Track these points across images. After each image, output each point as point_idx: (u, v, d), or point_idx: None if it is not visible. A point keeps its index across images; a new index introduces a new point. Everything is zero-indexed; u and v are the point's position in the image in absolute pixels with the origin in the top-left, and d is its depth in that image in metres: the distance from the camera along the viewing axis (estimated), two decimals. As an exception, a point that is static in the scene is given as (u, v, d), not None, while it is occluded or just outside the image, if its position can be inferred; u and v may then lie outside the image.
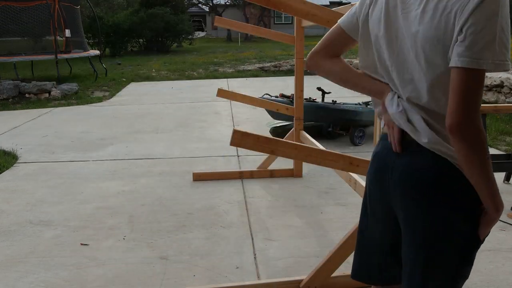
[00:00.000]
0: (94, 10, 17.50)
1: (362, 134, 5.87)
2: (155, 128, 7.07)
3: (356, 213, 3.70)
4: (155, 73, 14.60)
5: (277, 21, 40.93)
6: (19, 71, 12.31)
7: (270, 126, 6.34)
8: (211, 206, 3.92)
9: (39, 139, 6.40)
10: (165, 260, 3.02)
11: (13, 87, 9.98)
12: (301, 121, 4.47)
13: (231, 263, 2.96)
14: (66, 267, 2.94)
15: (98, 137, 6.49)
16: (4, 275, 2.86)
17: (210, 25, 45.17)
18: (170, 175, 4.76)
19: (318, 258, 2.96)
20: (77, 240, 3.33)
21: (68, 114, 8.39)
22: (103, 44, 21.04)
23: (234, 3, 37.07)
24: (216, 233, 3.41)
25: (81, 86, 11.68)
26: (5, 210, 3.91)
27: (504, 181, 4.39)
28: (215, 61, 17.21)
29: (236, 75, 13.88)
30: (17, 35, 12.58)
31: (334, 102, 5.93)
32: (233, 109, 8.56)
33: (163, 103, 9.37)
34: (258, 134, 2.23)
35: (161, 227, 3.52)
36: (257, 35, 4.66)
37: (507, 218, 3.57)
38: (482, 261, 2.91)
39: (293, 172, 4.67)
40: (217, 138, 6.35)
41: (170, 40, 24.32)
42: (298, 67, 4.35)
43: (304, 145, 2.37)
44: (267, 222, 3.60)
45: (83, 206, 3.97)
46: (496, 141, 5.81)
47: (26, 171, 4.99)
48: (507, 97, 7.54)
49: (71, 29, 12.94)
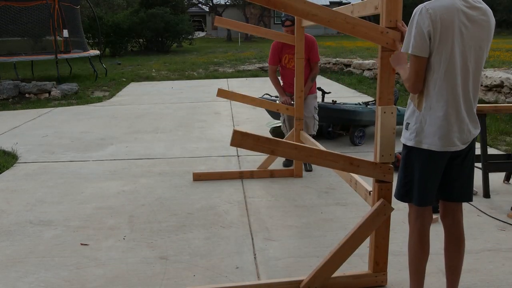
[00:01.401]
0: (94, 10, 17.49)
1: (362, 134, 5.87)
2: (155, 128, 7.07)
3: (356, 213, 3.71)
4: (155, 73, 14.60)
5: (277, 21, 40.87)
6: (19, 71, 12.31)
7: (270, 126, 6.33)
8: (211, 206, 3.92)
9: (39, 139, 6.40)
10: (165, 260, 3.02)
11: (13, 87, 9.98)
12: (301, 121, 4.47)
13: (231, 263, 2.96)
14: (66, 267, 2.94)
15: (98, 137, 6.49)
16: (4, 275, 2.86)
17: (210, 25, 45.16)
18: (170, 175, 4.76)
19: (318, 258, 2.96)
20: (77, 240, 3.33)
21: (68, 114, 8.39)
22: (103, 44, 21.04)
23: (234, 3, 37.04)
24: (216, 233, 3.41)
25: (81, 86, 11.68)
26: (5, 210, 3.91)
27: (504, 181, 4.39)
28: (215, 61, 17.20)
29: (236, 75, 13.88)
30: (17, 35, 12.57)
31: (334, 102, 5.93)
32: (233, 109, 8.56)
33: (163, 103, 9.36)
34: (258, 134, 2.23)
35: (161, 227, 3.52)
36: (257, 35, 4.65)
37: (507, 218, 3.57)
38: (482, 261, 2.91)
39: (293, 172, 4.67)
40: (217, 138, 6.35)
41: (170, 40, 24.30)
42: (298, 67, 4.35)
43: (304, 145, 2.37)
44: (267, 222, 3.60)
45: (83, 206, 3.97)
46: (496, 141, 5.80)
47: (26, 171, 4.98)
48: (507, 97, 7.54)
49: (71, 29, 12.94)
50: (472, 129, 2.22)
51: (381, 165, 2.45)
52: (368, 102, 6.15)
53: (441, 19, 2.02)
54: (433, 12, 2.03)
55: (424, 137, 2.17)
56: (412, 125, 2.21)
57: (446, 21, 2.03)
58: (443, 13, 2.03)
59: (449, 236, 2.37)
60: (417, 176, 2.24)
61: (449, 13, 2.03)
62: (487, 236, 3.27)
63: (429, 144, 2.16)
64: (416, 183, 2.24)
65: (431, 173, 2.22)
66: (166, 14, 22.98)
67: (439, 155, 2.19)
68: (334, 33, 39.93)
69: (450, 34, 2.05)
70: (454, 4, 2.05)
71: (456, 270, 2.36)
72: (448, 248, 2.37)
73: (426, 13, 2.03)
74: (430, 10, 2.03)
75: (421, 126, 2.17)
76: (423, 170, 2.22)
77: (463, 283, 2.63)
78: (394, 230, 3.31)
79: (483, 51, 2.16)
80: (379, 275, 2.65)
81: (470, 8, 2.09)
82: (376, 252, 2.60)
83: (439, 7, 2.03)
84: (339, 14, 2.34)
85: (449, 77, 2.10)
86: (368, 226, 2.50)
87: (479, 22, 2.10)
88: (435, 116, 2.14)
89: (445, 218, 2.37)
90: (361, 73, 12.82)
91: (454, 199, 2.32)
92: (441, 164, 2.23)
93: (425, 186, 2.23)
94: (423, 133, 2.17)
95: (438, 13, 2.02)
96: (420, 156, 2.21)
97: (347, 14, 2.37)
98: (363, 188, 2.73)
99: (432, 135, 2.15)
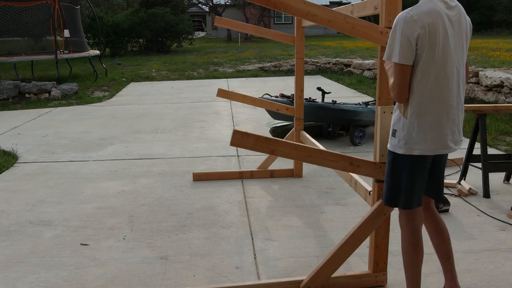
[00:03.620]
0: (94, 10, 17.49)
1: (362, 134, 5.87)
2: (155, 128, 7.07)
3: (356, 213, 3.71)
4: (155, 73, 14.60)
5: (277, 21, 40.93)
6: (19, 71, 12.31)
7: (270, 126, 6.34)
8: (211, 206, 3.92)
9: (39, 139, 6.40)
10: (165, 260, 3.02)
11: (13, 87, 9.98)
12: (301, 121, 4.47)
13: (231, 263, 2.96)
14: (66, 267, 2.95)
15: (98, 137, 6.49)
16: (4, 275, 2.86)
17: (210, 25, 45.16)
18: (170, 175, 4.76)
19: (318, 258, 2.96)
20: (77, 240, 3.33)
21: (68, 114, 8.39)
22: (103, 44, 21.04)
23: (234, 3, 37.03)
24: (216, 233, 3.41)
25: (81, 86, 11.68)
26: (5, 210, 3.92)
27: (504, 181, 4.39)
28: (215, 61, 17.20)
29: (236, 75, 13.88)
30: (17, 35, 12.56)
31: (334, 102, 5.93)
32: (233, 109, 8.56)
33: (163, 103, 9.36)
34: (258, 134, 2.23)
35: (161, 227, 3.52)
36: (257, 35, 4.65)
37: (507, 218, 3.57)
38: (482, 261, 2.91)
39: (293, 172, 4.67)
40: (217, 138, 6.35)
41: (170, 40, 24.30)
42: (298, 67, 4.35)
43: (304, 146, 2.37)
44: (267, 222, 3.60)
45: (83, 206, 3.97)
46: (496, 141, 5.80)
47: (26, 171, 4.99)
48: (507, 97, 7.54)
49: (71, 29, 12.94)
50: (461, 128, 2.24)
51: (381, 165, 2.45)
52: (368, 102, 6.15)
53: (427, 24, 2.00)
54: (418, 18, 2.00)
55: (415, 143, 2.13)
56: (399, 132, 2.17)
57: (433, 25, 2.01)
58: (428, 18, 2.01)
59: (430, 225, 2.43)
60: (405, 181, 2.21)
61: (433, 17, 2.02)
62: (487, 236, 3.27)
63: (421, 150, 2.13)
64: (403, 188, 2.22)
65: (419, 176, 2.21)
66: (166, 14, 22.98)
67: (428, 158, 2.19)
68: (334, 33, 39.94)
69: (438, 37, 2.03)
70: (436, 8, 2.04)
71: (447, 253, 2.41)
72: (434, 236, 2.43)
73: (411, 20, 2.00)
74: (415, 17, 2.00)
75: (409, 133, 2.13)
76: (412, 174, 2.19)
77: (463, 283, 2.63)
78: (394, 230, 3.31)
79: (465, 49, 2.17)
80: (379, 275, 2.65)
81: (448, 9, 2.08)
82: (376, 252, 2.60)
83: (423, 13, 2.01)
84: (339, 14, 2.34)
85: (441, 81, 2.08)
86: (368, 226, 2.50)
87: (458, 21, 2.11)
88: (423, 121, 2.11)
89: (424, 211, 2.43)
90: (361, 73, 12.82)
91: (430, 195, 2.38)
92: (429, 165, 2.23)
93: (413, 190, 2.21)
94: (412, 140, 2.13)
95: (423, 18, 2.00)
96: (409, 162, 2.18)
97: (347, 14, 2.37)
98: (363, 188, 2.73)
99: (423, 141, 2.12)
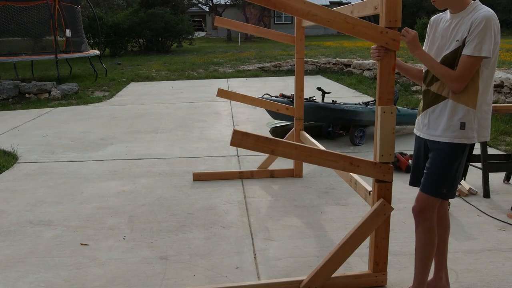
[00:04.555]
0: (94, 10, 17.49)
1: (362, 134, 5.87)
2: (155, 128, 7.07)
3: (356, 213, 3.71)
4: (155, 73, 14.60)
5: (277, 21, 40.94)
6: (19, 71, 12.32)
7: (270, 126, 6.34)
8: (211, 206, 3.92)
9: (39, 139, 6.40)
10: (165, 260, 3.02)
11: (13, 87, 9.98)
12: (301, 121, 4.46)
13: (231, 263, 2.96)
14: (66, 267, 2.95)
15: (98, 137, 6.49)
16: (4, 275, 2.86)
17: (210, 25, 45.16)
18: (170, 175, 4.76)
19: (318, 258, 2.96)
20: (77, 240, 3.33)
21: (68, 114, 8.39)
22: (103, 44, 21.04)
23: (234, 3, 37.04)
24: (216, 233, 3.41)
25: (81, 86, 11.68)
26: (5, 210, 3.92)
27: (504, 181, 4.39)
28: (215, 61, 17.20)
29: (236, 75, 13.88)
30: (17, 35, 12.56)
31: (334, 102, 5.92)
32: (233, 109, 8.56)
33: (163, 103, 9.36)
34: (258, 134, 2.23)
35: (161, 227, 3.52)
36: (257, 35, 4.65)
37: (507, 218, 3.57)
38: (482, 261, 2.91)
39: (293, 172, 4.67)
40: (217, 138, 6.35)
41: (170, 40, 24.30)
42: (298, 67, 4.35)
43: (304, 146, 2.37)
44: (267, 222, 3.60)
45: (83, 206, 3.97)
46: (496, 141, 5.80)
47: (26, 171, 4.99)
48: (507, 97, 7.54)
49: (71, 29, 12.93)
50: None
51: (381, 165, 2.45)
52: (368, 102, 6.15)
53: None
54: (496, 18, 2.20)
55: (483, 131, 2.28)
56: (470, 123, 2.24)
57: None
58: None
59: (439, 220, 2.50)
60: (460, 170, 2.30)
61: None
62: (487, 236, 3.27)
63: (486, 137, 2.29)
64: (457, 177, 2.31)
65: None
66: (166, 14, 22.98)
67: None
68: (334, 33, 39.94)
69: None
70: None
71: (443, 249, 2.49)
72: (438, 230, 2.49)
73: (496, 17, 2.19)
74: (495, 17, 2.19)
75: (479, 123, 2.25)
76: (463, 162, 2.30)
77: (463, 283, 2.63)
78: (394, 230, 3.31)
79: None
80: (379, 275, 2.65)
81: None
82: (376, 252, 2.60)
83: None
84: (339, 14, 2.34)
85: (493, 71, 2.24)
86: (368, 226, 2.50)
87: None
88: (488, 110, 2.27)
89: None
90: (361, 73, 12.82)
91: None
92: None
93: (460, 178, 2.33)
94: (483, 128, 2.27)
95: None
96: (466, 151, 2.29)
97: (347, 14, 2.37)
98: (363, 188, 2.73)
99: (487, 128, 2.28)
